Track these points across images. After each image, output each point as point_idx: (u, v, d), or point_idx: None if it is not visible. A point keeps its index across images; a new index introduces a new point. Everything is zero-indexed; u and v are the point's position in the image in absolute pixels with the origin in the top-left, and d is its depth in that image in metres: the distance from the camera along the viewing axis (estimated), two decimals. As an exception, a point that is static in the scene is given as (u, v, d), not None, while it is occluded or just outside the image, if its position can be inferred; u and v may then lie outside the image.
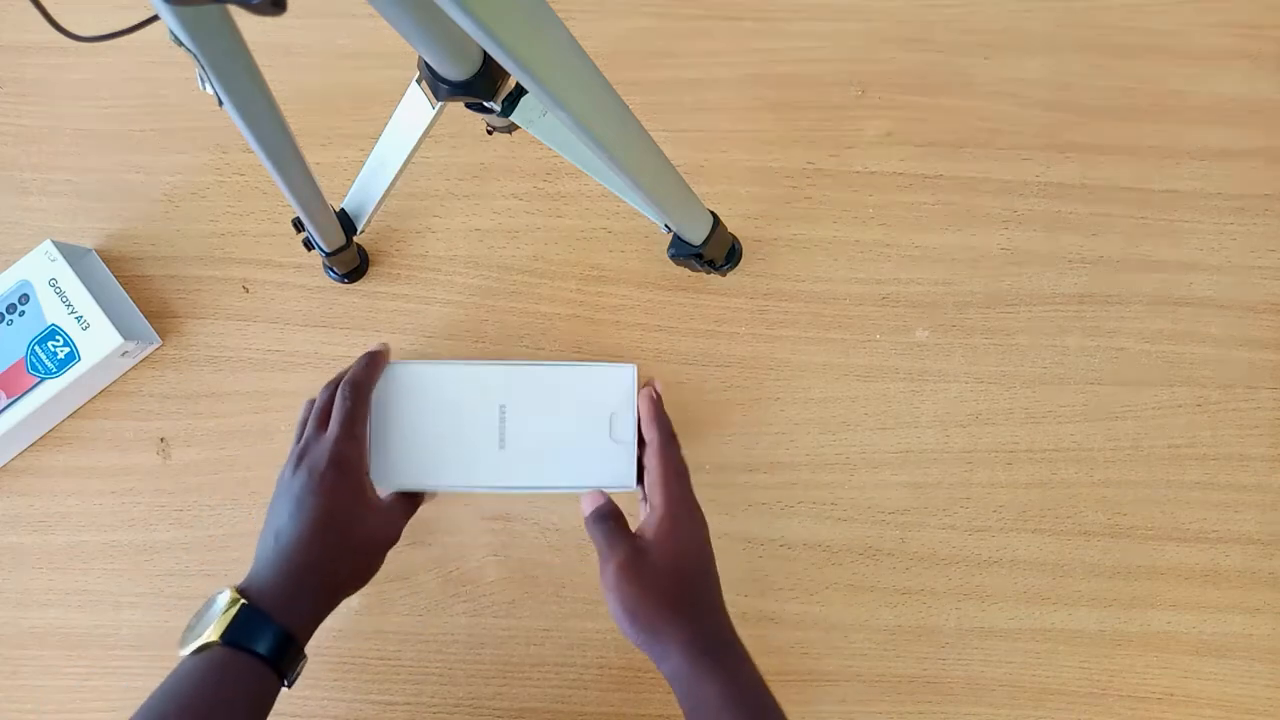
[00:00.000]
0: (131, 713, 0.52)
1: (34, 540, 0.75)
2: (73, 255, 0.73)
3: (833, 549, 0.73)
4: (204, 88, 0.42)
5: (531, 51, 0.37)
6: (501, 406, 0.64)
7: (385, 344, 0.68)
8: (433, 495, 0.70)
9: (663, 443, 0.61)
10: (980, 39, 0.79)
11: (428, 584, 0.74)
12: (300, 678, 0.57)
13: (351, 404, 0.63)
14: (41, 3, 0.37)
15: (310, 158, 0.56)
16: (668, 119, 0.78)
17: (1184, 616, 0.72)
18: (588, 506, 0.62)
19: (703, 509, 0.60)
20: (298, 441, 0.64)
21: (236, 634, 0.54)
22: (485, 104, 0.54)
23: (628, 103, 0.47)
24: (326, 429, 0.63)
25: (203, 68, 0.41)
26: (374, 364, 0.65)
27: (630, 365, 0.65)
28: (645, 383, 0.66)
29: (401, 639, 0.73)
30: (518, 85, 0.57)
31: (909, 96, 0.78)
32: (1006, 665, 0.72)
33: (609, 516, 0.60)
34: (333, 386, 0.65)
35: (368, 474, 0.63)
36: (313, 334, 0.77)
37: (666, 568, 0.56)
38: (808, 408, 0.75)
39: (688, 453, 0.62)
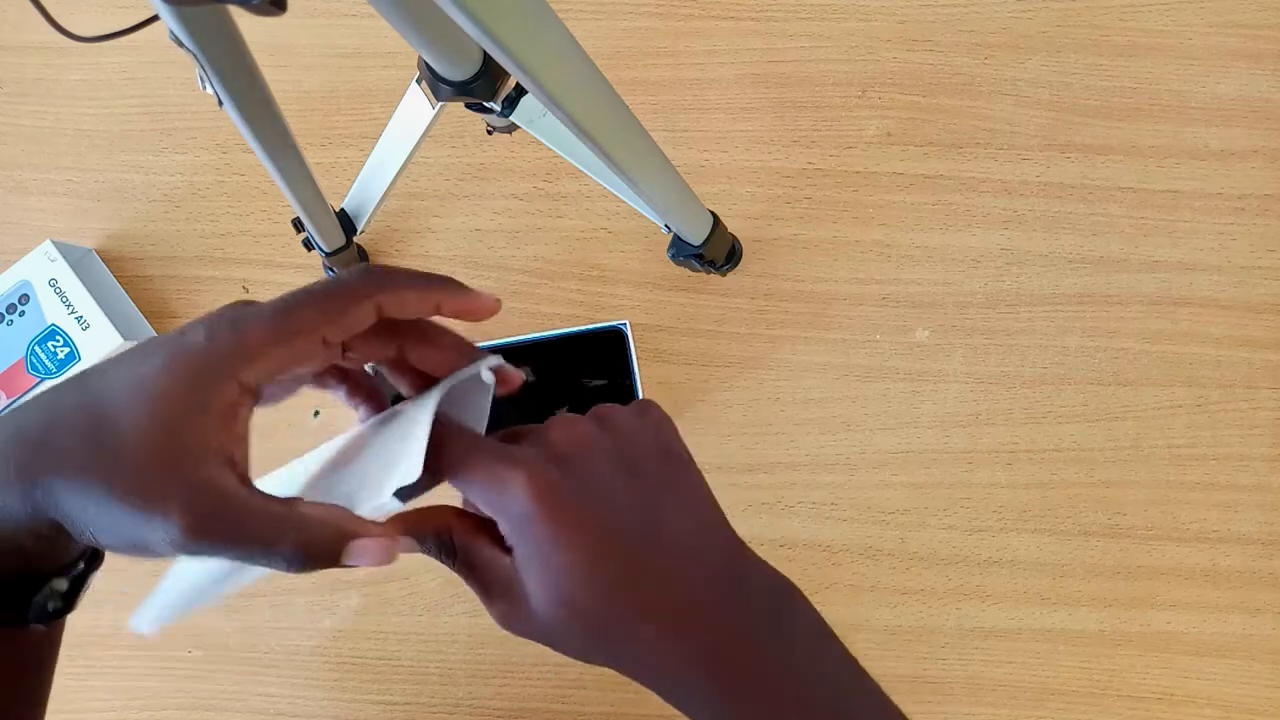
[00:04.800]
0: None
1: (34, 540, 0.75)
2: (73, 255, 0.73)
3: (833, 549, 0.73)
4: (204, 88, 0.42)
5: (531, 52, 0.37)
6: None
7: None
8: None
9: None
10: (980, 39, 0.79)
11: (428, 584, 0.74)
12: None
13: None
14: (41, 3, 0.37)
15: (310, 158, 0.56)
16: (668, 119, 0.78)
17: (1184, 616, 0.72)
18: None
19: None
20: None
21: None
22: (485, 104, 0.54)
23: (628, 103, 0.47)
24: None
25: (203, 68, 0.41)
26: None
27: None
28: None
29: (401, 639, 0.73)
30: (518, 85, 0.57)
31: (909, 96, 0.78)
32: (1006, 665, 0.72)
33: (449, 554, 0.36)
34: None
35: None
36: (313, 334, 0.76)
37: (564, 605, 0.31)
38: (808, 408, 0.75)
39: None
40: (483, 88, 0.52)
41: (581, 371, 0.71)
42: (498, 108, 0.55)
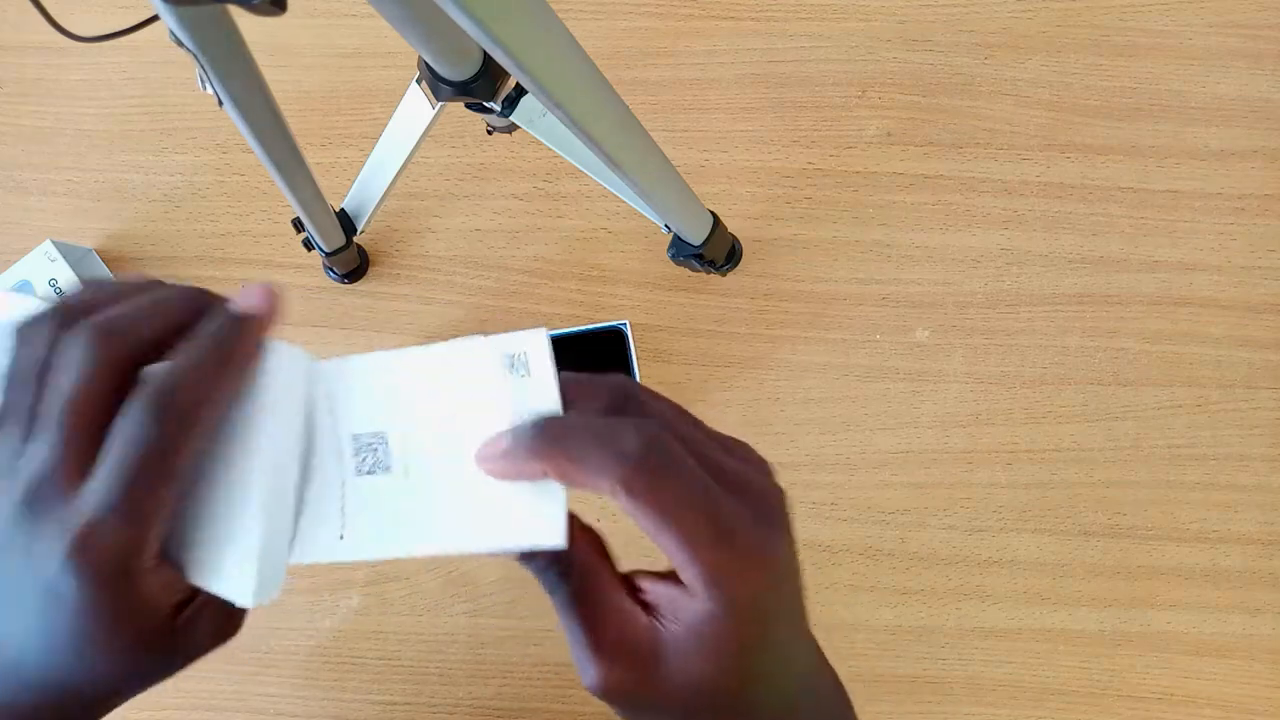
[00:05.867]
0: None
1: (34, 540, 0.75)
2: (73, 255, 0.73)
3: (833, 549, 0.73)
4: (204, 88, 0.42)
5: (531, 52, 0.37)
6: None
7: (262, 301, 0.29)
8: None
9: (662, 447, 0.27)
10: (980, 39, 0.79)
11: (428, 584, 0.74)
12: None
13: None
14: (41, 3, 0.37)
15: (310, 158, 0.56)
16: (668, 119, 0.78)
17: (1184, 616, 0.72)
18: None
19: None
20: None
21: None
22: (485, 104, 0.54)
23: (628, 103, 0.47)
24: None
25: (203, 68, 0.41)
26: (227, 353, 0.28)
27: (536, 330, 0.30)
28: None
29: (401, 639, 0.73)
30: (518, 85, 0.57)
31: (909, 96, 0.78)
32: (1006, 665, 0.72)
33: (561, 575, 0.28)
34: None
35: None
36: (313, 334, 0.77)
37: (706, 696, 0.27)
38: (808, 408, 0.75)
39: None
40: (483, 88, 0.52)
41: (581, 372, 0.71)
42: (498, 108, 0.55)
